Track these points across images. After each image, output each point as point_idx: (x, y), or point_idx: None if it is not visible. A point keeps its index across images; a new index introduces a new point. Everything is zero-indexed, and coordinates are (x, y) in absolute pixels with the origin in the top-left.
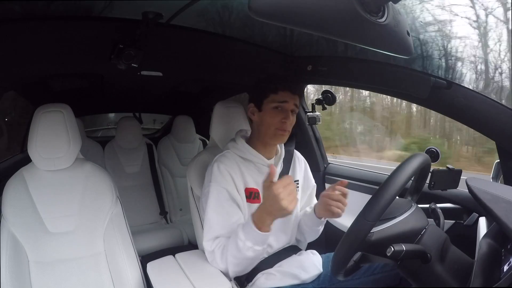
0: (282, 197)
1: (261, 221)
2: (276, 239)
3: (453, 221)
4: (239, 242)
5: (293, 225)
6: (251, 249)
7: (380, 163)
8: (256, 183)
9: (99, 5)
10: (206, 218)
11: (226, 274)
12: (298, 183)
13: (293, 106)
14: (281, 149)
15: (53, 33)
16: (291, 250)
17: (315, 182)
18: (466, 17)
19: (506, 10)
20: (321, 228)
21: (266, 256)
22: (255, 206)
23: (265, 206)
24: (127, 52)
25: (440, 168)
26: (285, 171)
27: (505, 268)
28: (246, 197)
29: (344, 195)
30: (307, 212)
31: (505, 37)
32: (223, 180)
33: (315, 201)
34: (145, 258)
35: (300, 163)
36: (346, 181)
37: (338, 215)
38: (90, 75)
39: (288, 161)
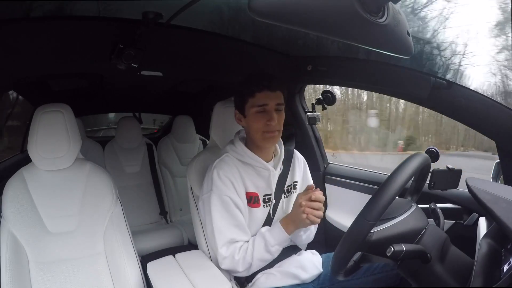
0: (307, 212)
1: (286, 227)
2: None
3: (453, 221)
4: (270, 247)
5: None
6: (278, 251)
7: None
8: (255, 187)
9: (100, 5)
10: (215, 226)
11: (226, 274)
12: (296, 184)
13: (276, 105)
14: (280, 150)
15: (53, 33)
16: (291, 250)
17: (315, 182)
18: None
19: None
20: (307, 233)
21: None
22: (255, 210)
23: (291, 214)
24: (127, 52)
25: (440, 168)
26: (285, 172)
27: (505, 268)
28: (248, 200)
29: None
30: None
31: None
32: (224, 188)
33: None
34: (145, 258)
35: (300, 163)
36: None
37: (315, 223)
38: (90, 75)
39: (288, 162)
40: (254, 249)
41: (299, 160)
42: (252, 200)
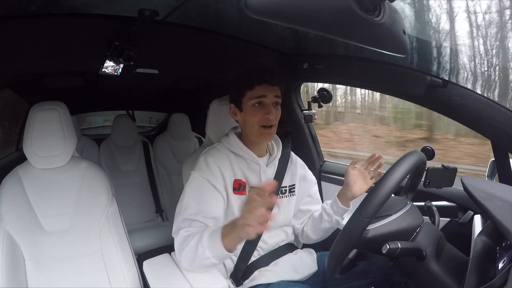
0: (249, 217)
1: (228, 236)
2: (270, 235)
3: (448, 219)
4: (200, 247)
5: (288, 221)
6: (207, 260)
7: None
8: (244, 176)
9: (95, 2)
10: (184, 202)
11: (222, 272)
12: (293, 188)
13: (274, 99)
14: (277, 150)
15: (48, 31)
16: (287, 248)
17: None
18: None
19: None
20: (340, 222)
21: (262, 253)
22: (242, 197)
23: (238, 219)
24: (123, 49)
25: (435, 166)
26: (280, 172)
27: (500, 265)
28: (235, 188)
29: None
30: (326, 208)
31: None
32: (207, 171)
33: (318, 197)
34: (141, 256)
35: (297, 166)
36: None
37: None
38: (85, 72)
39: (284, 164)
40: (191, 241)
41: (296, 163)
42: (240, 187)
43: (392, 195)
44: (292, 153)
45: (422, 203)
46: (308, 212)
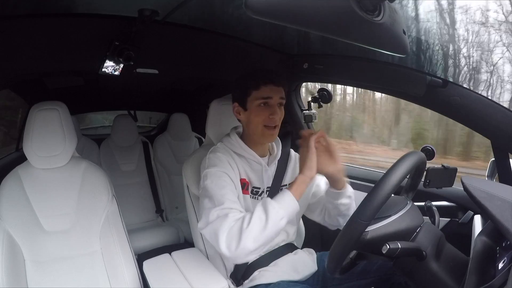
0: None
1: (293, 186)
2: None
3: (448, 219)
4: (271, 210)
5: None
6: (282, 220)
7: None
8: (247, 176)
9: (95, 2)
10: (213, 198)
11: (222, 272)
12: None
13: (279, 100)
14: (277, 149)
15: (48, 31)
16: (287, 248)
17: None
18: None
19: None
20: (348, 202)
21: (262, 253)
22: (246, 197)
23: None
24: (123, 49)
25: (436, 166)
26: (281, 171)
27: (500, 265)
28: (240, 186)
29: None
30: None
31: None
32: (222, 165)
33: (323, 187)
34: (141, 257)
35: (296, 162)
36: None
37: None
38: (85, 72)
39: (283, 163)
40: (253, 215)
41: (297, 160)
42: (245, 186)
43: (392, 194)
44: (292, 151)
45: (422, 203)
46: (321, 201)
